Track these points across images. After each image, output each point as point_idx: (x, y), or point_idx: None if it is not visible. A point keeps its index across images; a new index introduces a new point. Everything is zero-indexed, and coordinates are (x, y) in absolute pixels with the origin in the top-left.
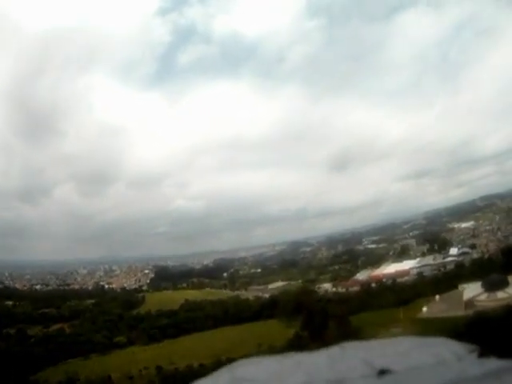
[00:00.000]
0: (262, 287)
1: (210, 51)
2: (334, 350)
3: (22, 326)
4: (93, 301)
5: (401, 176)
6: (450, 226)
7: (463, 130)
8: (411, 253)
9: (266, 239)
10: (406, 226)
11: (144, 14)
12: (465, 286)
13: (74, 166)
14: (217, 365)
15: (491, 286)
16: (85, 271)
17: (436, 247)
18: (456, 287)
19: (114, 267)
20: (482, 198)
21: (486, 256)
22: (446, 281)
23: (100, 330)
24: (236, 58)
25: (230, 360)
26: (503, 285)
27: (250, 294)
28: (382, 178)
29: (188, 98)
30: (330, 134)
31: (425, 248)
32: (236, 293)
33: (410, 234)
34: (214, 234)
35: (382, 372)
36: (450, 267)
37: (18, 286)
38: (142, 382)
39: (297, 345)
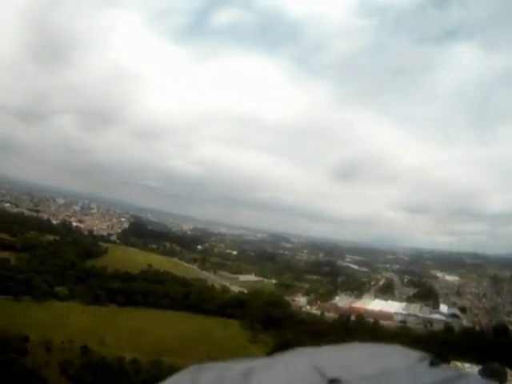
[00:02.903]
0: (232, 276)
1: (249, 19)
2: (287, 356)
3: None
4: (52, 238)
5: (398, 204)
6: (433, 272)
7: (474, 180)
8: (396, 292)
9: (249, 222)
10: (388, 257)
11: None
12: (458, 364)
13: (79, 98)
14: (153, 369)
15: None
16: (62, 201)
17: (421, 294)
18: (447, 360)
19: (92, 205)
20: (470, 255)
21: (478, 327)
22: (435, 345)
23: (45, 273)
24: (275, 34)
25: (171, 367)
26: (502, 380)
27: (218, 279)
28: (380, 201)
29: (215, 61)
30: (345, 140)
31: (410, 291)
32: (204, 274)
33: (392, 266)
34: (201, 202)
35: (332, 381)
36: (438, 327)
37: None
38: (60, 357)
39: None
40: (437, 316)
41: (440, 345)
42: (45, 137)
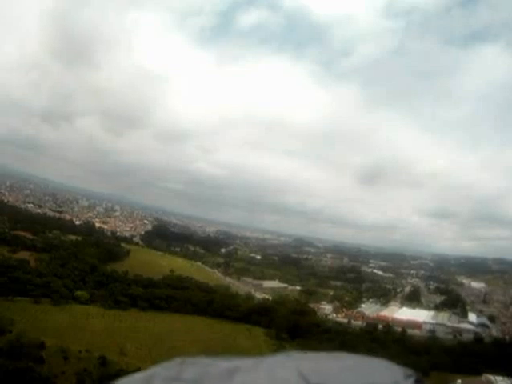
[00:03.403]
0: (256, 282)
1: (274, 22)
2: (274, 359)
3: None
4: (73, 238)
5: (422, 210)
6: (459, 278)
7: (499, 185)
8: (422, 299)
9: (273, 226)
10: (413, 262)
11: None
12: (491, 377)
13: (103, 99)
14: None
15: None
16: (86, 203)
17: (449, 301)
18: (478, 372)
19: (115, 207)
20: (495, 261)
21: (507, 337)
22: (465, 357)
23: (66, 276)
24: (300, 37)
25: None
26: None
27: (241, 285)
28: (404, 206)
29: (240, 64)
30: (370, 145)
31: (437, 299)
32: (227, 280)
33: (418, 272)
34: (224, 206)
35: None
36: (468, 336)
37: (11, 198)
38: (77, 366)
39: None
40: (466, 325)
41: (471, 356)
42: (69, 138)
